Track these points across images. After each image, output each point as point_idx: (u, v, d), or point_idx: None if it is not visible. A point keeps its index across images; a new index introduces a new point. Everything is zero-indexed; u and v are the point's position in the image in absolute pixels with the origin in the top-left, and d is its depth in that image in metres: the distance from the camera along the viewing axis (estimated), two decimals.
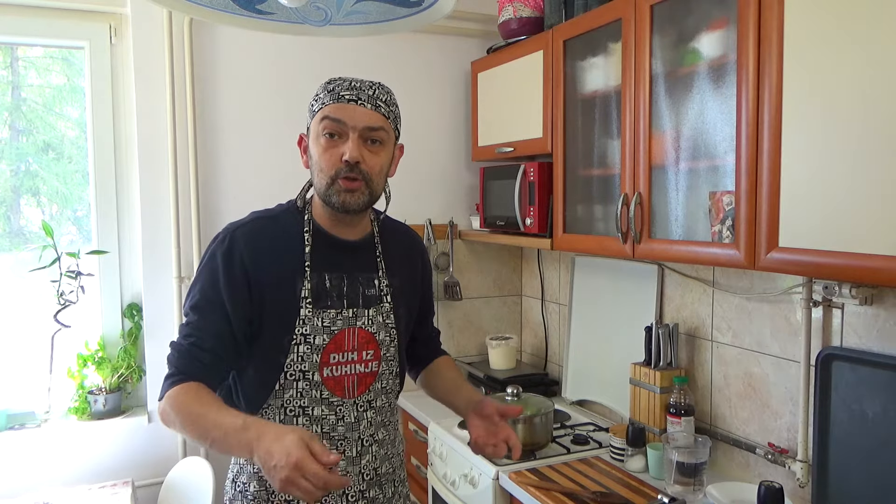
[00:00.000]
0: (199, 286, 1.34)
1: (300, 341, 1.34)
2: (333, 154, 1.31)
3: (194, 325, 1.31)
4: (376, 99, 1.33)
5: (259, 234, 1.36)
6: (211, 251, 1.35)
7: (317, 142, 1.33)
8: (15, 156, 2.46)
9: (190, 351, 1.29)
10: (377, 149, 1.34)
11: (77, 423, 2.38)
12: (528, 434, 2.03)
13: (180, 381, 1.26)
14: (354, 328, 1.39)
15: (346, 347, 1.38)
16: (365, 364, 1.40)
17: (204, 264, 1.36)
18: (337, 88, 1.33)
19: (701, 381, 2.08)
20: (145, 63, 2.40)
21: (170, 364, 1.30)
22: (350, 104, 1.31)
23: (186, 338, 1.30)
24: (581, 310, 2.57)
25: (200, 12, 1.46)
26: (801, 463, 1.74)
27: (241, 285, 1.32)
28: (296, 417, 1.35)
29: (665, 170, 1.78)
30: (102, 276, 2.48)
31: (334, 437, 1.38)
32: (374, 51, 2.70)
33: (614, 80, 1.95)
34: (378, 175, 1.35)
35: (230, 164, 2.53)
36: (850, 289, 1.57)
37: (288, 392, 1.35)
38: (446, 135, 2.87)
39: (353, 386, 1.39)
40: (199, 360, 1.28)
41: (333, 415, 1.38)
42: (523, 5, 2.43)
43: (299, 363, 1.34)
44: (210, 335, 1.30)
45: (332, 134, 1.31)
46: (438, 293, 2.87)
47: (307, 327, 1.34)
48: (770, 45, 1.44)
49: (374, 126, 1.32)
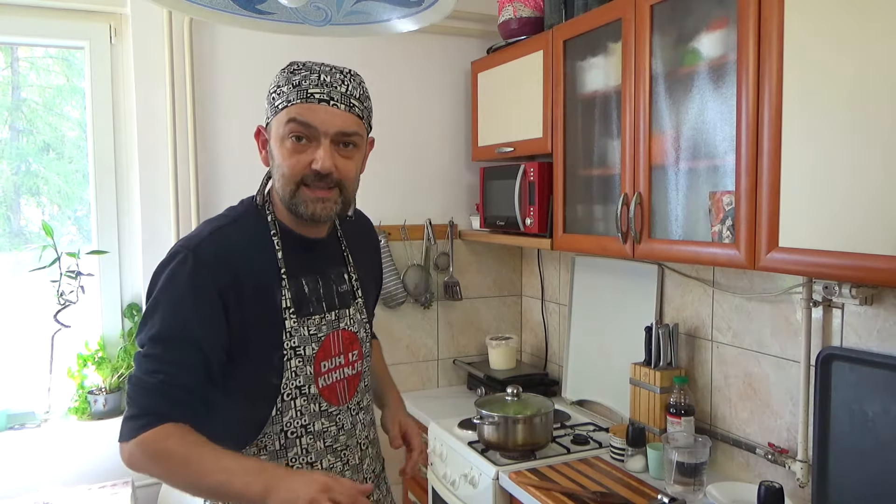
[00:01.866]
0: (161, 314, 1.16)
1: (290, 355, 1.23)
2: (300, 160, 1.19)
3: (159, 360, 1.14)
4: (350, 97, 1.21)
5: (225, 247, 1.21)
6: (170, 273, 1.19)
7: (281, 144, 1.20)
8: (15, 156, 2.46)
9: (160, 388, 1.12)
10: (350, 152, 1.23)
11: (77, 423, 2.38)
12: (528, 434, 2.03)
13: (153, 424, 1.11)
14: (338, 331, 1.31)
15: (334, 352, 1.30)
16: (351, 366, 1.34)
17: (162, 288, 1.18)
18: (304, 83, 1.19)
19: (701, 381, 2.08)
20: (145, 63, 2.40)
21: (133, 403, 1.14)
22: (321, 105, 1.18)
23: (152, 374, 1.13)
24: (581, 310, 2.57)
25: (200, 12, 1.46)
26: (801, 463, 1.74)
27: (216, 309, 1.17)
28: (298, 438, 1.26)
29: (665, 170, 1.78)
30: (102, 276, 2.48)
31: (337, 449, 1.31)
32: (374, 51, 2.70)
33: (614, 80, 1.95)
34: (352, 180, 1.25)
35: (230, 164, 2.53)
36: (850, 289, 1.57)
37: (287, 414, 1.24)
38: (446, 135, 2.87)
39: (345, 391, 1.33)
40: (172, 398, 1.13)
41: (334, 425, 1.31)
42: (523, 5, 2.43)
43: (294, 379, 1.24)
44: (181, 369, 1.14)
45: (300, 137, 1.19)
46: (438, 293, 2.87)
47: (295, 339, 1.24)
48: (770, 45, 1.44)
49: (349, 130, 1.21)
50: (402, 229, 2.79)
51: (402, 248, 2.80)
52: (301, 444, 1.26)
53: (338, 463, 1.31)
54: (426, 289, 2.81)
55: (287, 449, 1.25)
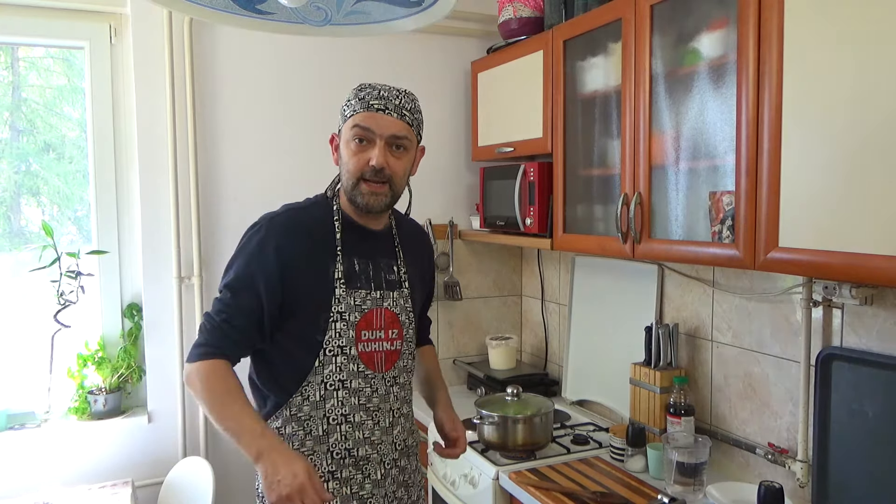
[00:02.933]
0: (235, 268, 1.45)
1: (337, 318, 1.46)
2: (361, 158, 1.45)
3: (227, 303, 1.42)
4: (402, 108, 1.47)
5: (292, 223, 1.48)
6: (248, 237, 1.48)
7: (347, 146, 1.47)
8: (15, 156, 2.46)
9: (221, 327, 1.41)
10: (401, 154, 1.48)
11: (77, 423, 2.38)
12: (528, 434, 2.04)
13: (211, 355, 1.39)
14: (381, 308, 1.52)
15: (375, 325, 1.51)
16: (391, 342, 1.53)
17: (240, 248, 1.47)
18: (367, 97, 1.46)
19: (701, 381, 2.08)
20: (145, 63, 2.40)
21: (201, 334, 1.43)
22: (378, 113, 1.44)
23: (219, 314, 1.42)
24: (581, 310, 2.57)
25: (200, 12, 1.46)
26: (801, 463, 1.74)
27: (274, 270, 1.42)
28: (336, 391, 1.46)
29: (665, 170, 1.78)
30: (102, 276, 2.48)
31: (370, 408, 1.50)
32: (374, 51, 2.70)
33: (614, 80, 1.95)
34: (401, 177, 1.49)
35: (230, 164, 2.53)
36: (850, 289, 1.57)
37: (327, 368, 1.46)
38: (446, 135, 2.87)
39: (382, 361, 1.52)
40: (229, 337, 1.41)
41: (369, 387, 1.50)
42: (523, 5, 2.43)
43: (337, 339, 1.46)
44: (241, 314, 1.41)
45: (362, 139, 1.45)
46: (438, 293, 2.86)
47: (342, 305, 1.46)
48: (770, 45, 1.44)
49: (400, 134, 1.46)
50: None
51: None
52: (337, 397, 1.47)
53: (368, 420, 1.50)
54: None
55: (325, 399, 1.46)
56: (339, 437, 1.47)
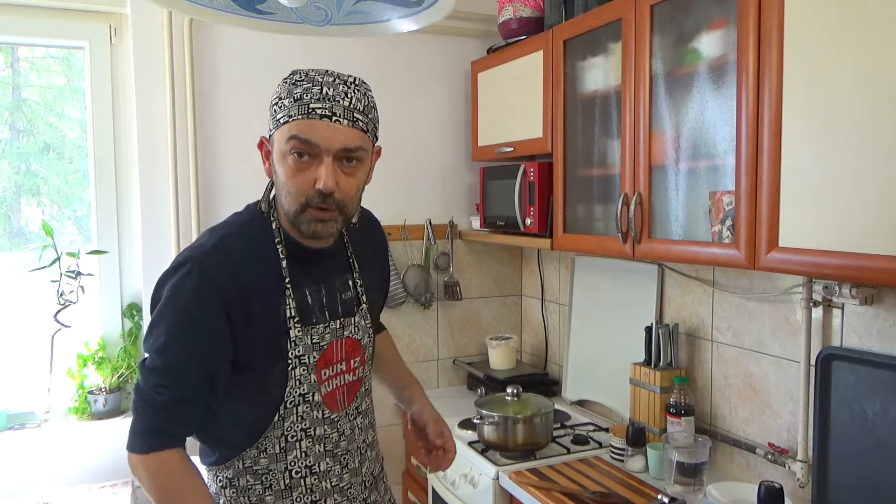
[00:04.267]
0: (165, 327, 1.17)
1: (295, 364, 1.23)
2: (304, 178, 1.16)
3: (164, 375, 1.17)
4: (353, 111, 1.16)
5: (229, 259, 1.20)
6: (175, 285, 1.18)
7: (283, 161, 1.18)
8: (16, 156, 2.46)
9: (167, 407, 1.17)
10: (354, 168, 1.19)
11: (77, 423, 2.38)
12: (528, 434, 2.04)
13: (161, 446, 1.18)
14: (342, 339, 1.31)
15: (335, 360, 1.30)
16: (353, 372, 1.34)
17: (167, 301, 1.18)
18: (306, 97, 1.14)
19: (701, 381, 2.08)
20: (145, 63, 2.40)
21: (140, 416, 1.18)
22: (323, 121, 1.14)
23: (157, 389, 1.16)
24: (581, 310, 2.57)
25: (200, 12, 1.46)
26: (801, 463, 1.74)
27: (221, 323, 1.17)
28: (298, 442, 1.26)
29: (665, 170, 1.78)
30: (102, 276, 2.48)
31: (337, 454, 1.32)
32: (374, 51, 2.70)
33: (614, 80, 1.95)
34: (353, 198, 1.22)
35: (230, 164, 2.53)
36: (850, 289, 1.57)
37: (288, 420, 1.25)
38: (446, 135, 2.87)
39: (344, 397, 1.33)
40: (176, 416, 1.18)
41: (335, 431, 1.31)
42: (523, 5, 2.43)
43: (298, 387, 1.24)
44: (185, 384, 1.17)
45: (302, 154, 1.16)
46: (438, 293, 2.87)
47: (300, 348, 1.24)
48: (770, 44, 1.44)
49: (352, 146, 1.17)
50: (402, 229, 2.79)
51: (402, 248, 2.80)
52: (301, 448, 1.27)
53: (336, 466, 1.32)
54: (426, 289, 2.81)
55: (287, 452, 1.26)
56: (303, 491, 1.27)
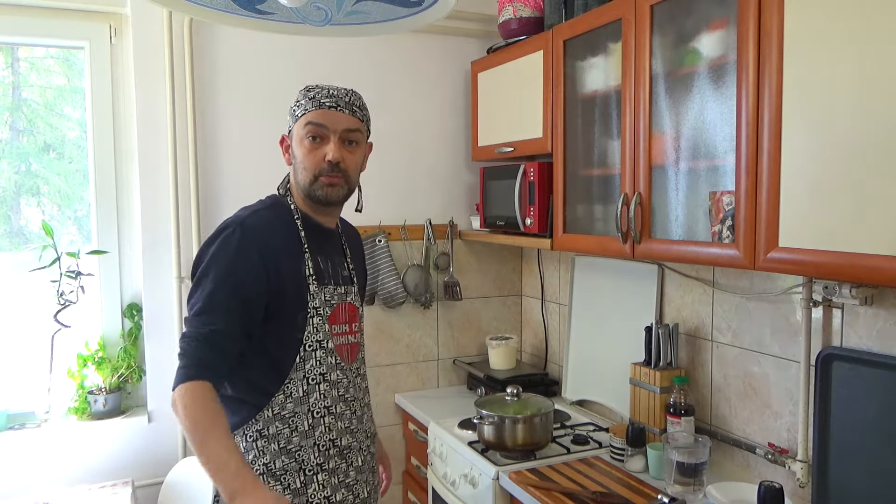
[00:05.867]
0: (213, 276, 1.40)
1: (313, 314, 1.49)
2: (317, 155, 1.50)
3: (214, 312, 1.38)
4: (352, 105, 1.52)
5: (265, 223, 1.49)
6: (221, 241, 1.44)
7: (301, 144, 1.51)
8: (15, 156, 2.46)
9: (210, 338, 1.37)
10: (353, 148, 1.54)
11: (77, 423, 2.38)
12: (528, 434, 2.04)
13: (195, 377, 1.34)
14: (346, 303, 1.58)
15: (342, 320, 1.56)
16: (354, 335, 1.60)
17: (214, 254, 1.43)
18: (318, 96, 1.50)
19: (701, 381, 2.08)
20: (145, 63, 2.40)
21: (186, 354, 1.36)
22: (331, 110, 1.50)
23: (206, 325, 1.37)
24: (581, 310, 2.57)
25: (200, 12, 1.46)
26: (801, 463, 1.74)
27: (260, 270, 1.43)
28: (318, 384, 1.50)
29: (665, 170, 1.78)
30: (102, 276, 2.48)
31: (347, 398, 1.56)
32: (374, 51, 2.70)
33: (614, 80, 1.95)
34: (354, 171, 1.55)
35: (230, 165, 2.53)
36: (850, 289, 1.57)
37: (308, 363, 1.49)
38: (446, 135, 2.87)
39: (349, 354, 1.58)
40: (221, 348, 1.37)
41: (346, 378, 1.56)
42: (523, 5, 2.43)
43: (315, 334, 1.49)
44: (230, 321, 1.39)
45: (315, 137, 1.50)
46: (438, 293, 2.87)
47: (316, 301, 1.50)
48: (770, 45, 1.44)
49: (352, 128, 1.52)
50: (402, 229, 2.79)
51: (402, 248, 2.80)
52: (320, 390, 1.50)
53: (347, 411, 1.55)
54: (426, 289, 2.81)
55: (309, 394, 1.49)
56: (323, 430, 1.51)
